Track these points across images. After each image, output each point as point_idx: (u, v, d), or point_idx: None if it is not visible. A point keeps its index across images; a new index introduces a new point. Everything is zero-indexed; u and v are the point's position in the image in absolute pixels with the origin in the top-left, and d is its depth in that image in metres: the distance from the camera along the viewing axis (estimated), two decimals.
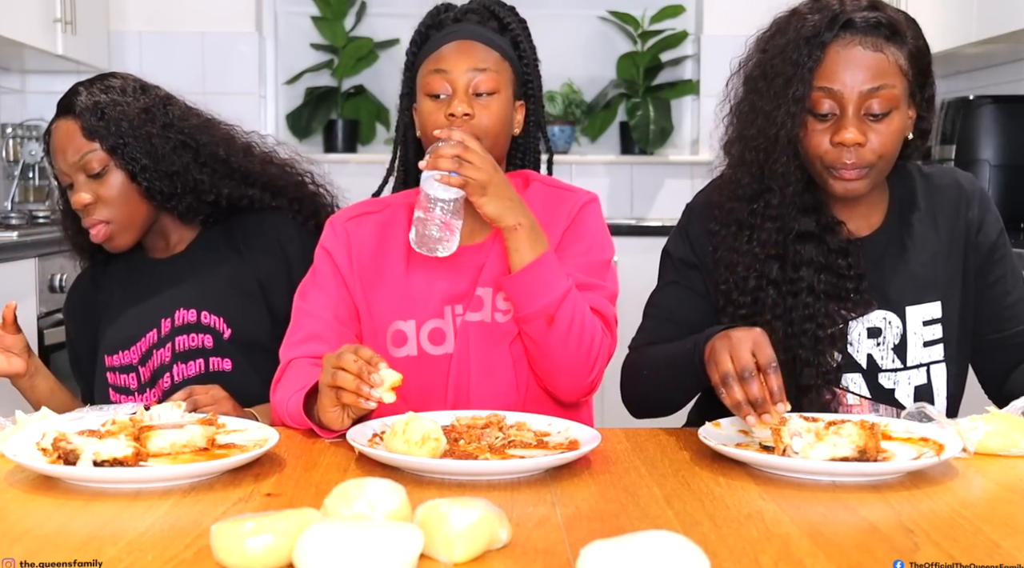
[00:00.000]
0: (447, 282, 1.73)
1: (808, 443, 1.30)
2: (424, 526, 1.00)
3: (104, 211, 1.83)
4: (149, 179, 1.83)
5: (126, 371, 1.86)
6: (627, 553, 0.92)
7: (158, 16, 4.23)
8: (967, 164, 3.37)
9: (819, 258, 1.64)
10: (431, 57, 1.73)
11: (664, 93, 4.51)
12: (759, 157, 1.65)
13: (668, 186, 4.49)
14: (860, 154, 1.58)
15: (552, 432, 1.47)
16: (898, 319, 1.68)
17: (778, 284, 1.64)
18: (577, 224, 1.75)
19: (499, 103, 1.71)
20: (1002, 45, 3.41)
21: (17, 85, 4.26)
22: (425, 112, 1.71)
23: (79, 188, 1.83)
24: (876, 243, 1.70)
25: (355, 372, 1.40)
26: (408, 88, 1.81)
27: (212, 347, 1.83)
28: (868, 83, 1.57)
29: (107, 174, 1.82)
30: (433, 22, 1.78)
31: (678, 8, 4.46)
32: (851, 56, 1.58)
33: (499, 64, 1.73)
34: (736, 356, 1.40)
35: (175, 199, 1.86)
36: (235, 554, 0.97)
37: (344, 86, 4.52)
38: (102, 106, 1.84)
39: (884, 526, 1.13)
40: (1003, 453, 1.40)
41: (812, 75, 1.58)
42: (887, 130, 1.59)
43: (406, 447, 1.30)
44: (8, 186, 4.04)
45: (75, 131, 1.83)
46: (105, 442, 1.27)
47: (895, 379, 1.69)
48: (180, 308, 1.85)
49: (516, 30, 1.80)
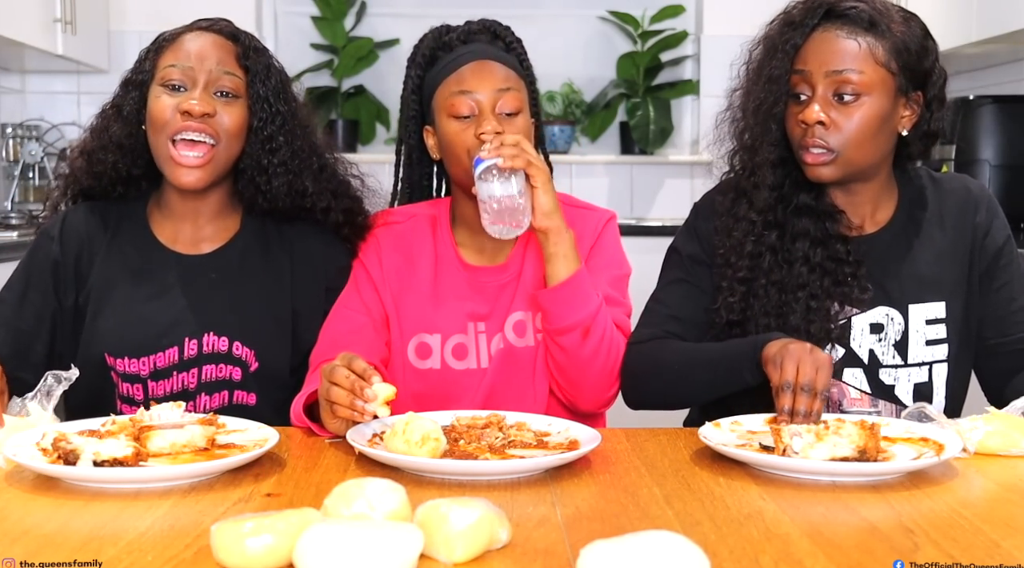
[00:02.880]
0: (471, 300, 1.77)
1: (808, 443, 1.30)
2: (424, 526, 1.00)
3: (217, 130, 1.68)
4: (263, 140, 1.72)
5: (131, 380, 1.72)
6: (627, 553, 0.92)
7: (158, 16, 4.20)
8: (967, 164, 3.38)
9: (816, 233, 1.68)
10: (450, 78, 1.73)
11: (664, 93, 4.51)
12: (753, 138, 1.70)
13: (668, 186, 4.49)
14: (824, 135, 1.62)
15: (552, 432, 1.47)
16: (900, 316, 1.69)
17: (775, 251, 1.69)
18: (601, 242, 1.79)
19: (523, 121, 1.73)
20: (1002, 45, 3.41)
21: (17, 85, 4.26)
22: (452, 133, 1.71)
23: (202, 95, 1.68)
24: (882, 240, 1.72)
25: (348, 387, 1.39)
26: (416, 110, 1.81)
27: (239, 381, 1.73)
28: (834, 66, 1.62)
29: (235, 103, 1.71)
30: (438, 44, 1.78)
31: (678, 8, 4.46)
32: (824, 40, 1.64)
33: (518, 83, 1.75)
34: (803, 370, 1.42)
35: (277, 172, 1.73)
36: (235, 554, 0.97)
37: (344, 86, 4.52)
38: (261, 50, 1.77)
39: (884, 526, 1.13)
40: (1003, 453, 1.40)
41: (790, 59, 1.65)
42: (854, 115, 1.62)
43: (406, 447, 1.31)
44: (8, 186, 4.05)
45: (230, 49, 1.73)
46: (105, 442, 1.27)
47: (895, 375, 1.70)
48: (210, 332, 1.71)
49: (519, 49, 1.81)
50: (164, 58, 1.72)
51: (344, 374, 1.40)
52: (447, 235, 1.81)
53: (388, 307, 1.76)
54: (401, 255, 1.79)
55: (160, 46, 1.74)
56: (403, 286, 1.78)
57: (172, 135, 1.67)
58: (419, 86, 1.79)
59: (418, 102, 1.80)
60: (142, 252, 1.77)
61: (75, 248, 1.77)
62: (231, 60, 1.72)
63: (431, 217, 1.82)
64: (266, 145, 1.72)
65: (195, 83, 1.68)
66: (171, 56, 1.71)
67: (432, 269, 1.78)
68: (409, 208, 1.86)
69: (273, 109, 1.73)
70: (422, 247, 1.80)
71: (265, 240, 1.81)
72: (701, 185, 1.84)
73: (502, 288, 1.78)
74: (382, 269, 1.77)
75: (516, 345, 1.76)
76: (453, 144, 1.71)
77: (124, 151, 1.75)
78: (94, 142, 1.77)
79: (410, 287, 1.78)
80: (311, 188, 1.76)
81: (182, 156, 1.67)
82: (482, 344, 1.77)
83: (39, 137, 4.09)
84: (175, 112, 1.67)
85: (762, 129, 1.68)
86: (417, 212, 1.83)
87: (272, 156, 1.72)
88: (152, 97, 1.70)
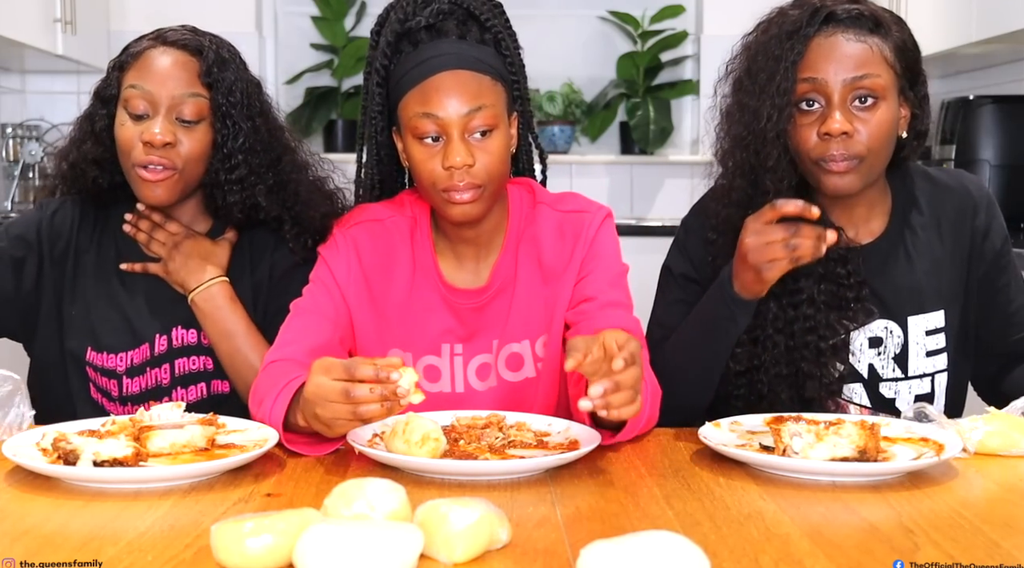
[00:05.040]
0: (447, 319, 1.66)
1: (808, 443, 1.30)
2: (424, 526, 1.00)
3: (177, 159, 1.68)
4: (223, 157, 1.72)
5: (107, 375, 1.75)
6: (627, 553, 0.92)
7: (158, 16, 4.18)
8: (967, 164, 3.37)
9: (818, 268, 1.61)
10: (415, 92, 1.55)
11: (664, 93, 4.51)
12: (750, 157, 1.62)
13: (668, 186, 4.49)
14: (848, 145, 1.56)
15: (552, 432, 1.47)
16: (899, 328, 1.67)
17: (778, 296, 1.62)
18: (596, 247, 1.67)
19: (498, 140, 1.57)
20: (1002, 45, 3.41)
21: (17, 85, 4.26)
22: (418, 159, 1.56)
23: (163, 123, 1.67)
24: (878, 251, 1.68)
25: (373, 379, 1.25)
26: (381, 106, 1.63)
27: (213, 370, 1.75)
28: (852, 71, 1.56)
29: (196, 128, 1.70)
30: (403, 30, 1.59)
31: (678, 8, 4.46)
32: (834, 45, 1.57)
33: (492, 92, 1.57)
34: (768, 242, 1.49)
35: (232, 189, 1.73)
36: (235, 554, 0.97)
37: (344, 86, 4.52)
38: (227, 63, 1.73)
39: (884, 526, 1.13)
40: (1003, 453, 1.40)
41: (795, 68, 1.57)
42: (875, 120, 1.56)
43: (406, 447, 1.30)
44: (8, 186, 4.04)
45: (192, 68, 1.70)
46: (105, 442, 1.27)
47: (895, 389, 1.68)
48: (178, 326, 1.75)
49: (496, 26, 1.61)
50: (128, 76, 1.72)
51: (368, 369, 1.25)
52: (426, 242, 1.68)
53: (355, 316, 1.63)
54: (377, 259, 1.66)
55: (125, 61, 1.74)
56: (374, 295, 1.65)
57: (136, 163, 1.69)
58: (385, 78, 1.61)
59: (384, 97, 1.63)
60: (121, 251, 1.80)
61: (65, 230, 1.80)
62: (193, 79, 1.71)
63: (411, 219, 1.68)
64: (225, 162, 1.73)
65: (156, 109, 1.69)
66: (134, 75, 1.71)
67: (408, 280, 1.66)
68: (389, 205, 1.71)
69: (236, 126, 1.72)
70: (399, 254, 1.67)
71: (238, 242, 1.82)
72: (701, 185, 1.81)
73: (481, 309, 1.66)
74: (350, 276, 1.64)
75: (512, 380, 1.66)
76: (419, 171, 1.57)
77: (101, 167, 1.78)
78: (74, 153, 1.80)
79: (382, 296, 1.65)
80: (263, 202, 1.76)
81: (146, 173, 1.69)
82: (458, 367, 1.66)
83: (39, 137, 4.09)
84: (138, 141, 1.69)
85: (767, 148, 1.59)
86: (397, 211, 1.69)
87: (230, 173, 1.74)
88: (118, 122, 1.72)
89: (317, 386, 1.29)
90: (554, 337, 1.66)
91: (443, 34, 1.58)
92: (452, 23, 1.59)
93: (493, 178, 1.57)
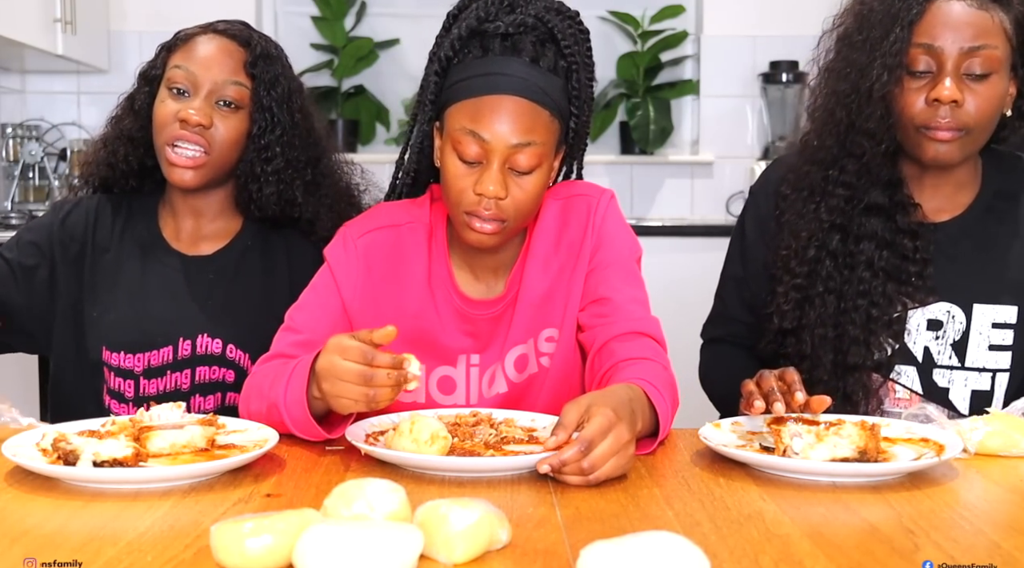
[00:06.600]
0: (463, 331, 1.62)
1: (808, 444, 1.30)
2: (424, 527, 1.00)
3: (210, 142, 1.69)
4: (260, 148, 1.73)
5: (123, 375, 1.73)
6: (627, 553, 0.92)
7: (158, 16, 4.23)
8: None
9: (884, 234, 1.58)
10: (468, 104, 1.48)
11: (664, 93, 4.50)
12: (848, 115, 1.58)
13: (668, 186, 4.49)
14: (956, 114, 1.52)
15: (538, 427, 1.48)
16: (963, 314, 1.60)
17: (836, 256, 1.59)
18: (604, 235, 1.62)
19: (538, 179, 1.51)
20: None
21: (17, 85, 4.25)
22: (451, 173, 1.50)
23: (201, 104, 1.69)
24: (954, 229, 1.62)
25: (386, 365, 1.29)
26: (435, 96, 1.55)
27: (232, 383, 1.74)
28: (969, 41, 1.51)
29: (235, 115, 1.72)
30: (479, 28, 1.50)
31: (678, 8, 4.45)
32: (953, 12, 1.52)
33: (547, 130, 1.50)
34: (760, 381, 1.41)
35: (269, 180, 1.74)
36: (235, 554, 0.97)
37: (344, 86, 4.52)
38: (273, 59, 1.75)
39: (884, 527, 1.13)
40: (1003, 454, 1.40)
41: (911, 30, 1.52)
42: (986, 93, 1.52)
43: (415, 446, 1.31)
44: (8, 186, 4.04)
45: (239, 57, 1.73)
46: (105, 442, 1.27)
47: (950, 378, 1.61)
48: (204, 334, 1.73)
49: (575, 54, 1.54)
50: (174, 57, 1.75)
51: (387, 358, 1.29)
52: (442, 252, 1.63)
53: (357, 327, 1.57)
54: (390, 268, 1.61)
55: (174, 44, 1.77)
56: (384, 306, 1.60)
57: (168, 140, 1.70)
58: (445, 70, 1.53)
59: (439, 89, 1.55)
60: (146, 248, 1.79)
61: (80, 232, 1.80)
62: (238, 68, 1.73)
63: (428, 226, 1.63)
64: (262, 153, 1.74)
65: (197, 90, 1.71)
66: (180, 57, 1.73)
67: (423, 291, 1.61)
68: (409, 207, 1.65)
69: (275, 118, 1.74)
70: (413, 264, 1.62)
71: (265, 244, 1.82)
72: (701, 185, 1.82)
73: (497, 319, 1.62)
74: (356, 288, 1.60)
75: (518, 381, 1.63)
76: (449, 185, 1.51)
77: (135, 144, 1.79)
78: (111, 132, 1.82)
79: (394, 307, 1.60)
80: (300, 199, 1.77)
81: (175, 156, 1.70)
82: (473, 379, 1.63)
83: (39, 137, 4.09)
84: (174, 118, 1.70)
85: (871, 107, 1.55)
86: (415, 216, 1.64)
87: (266, 165, 1.74)
88: (158, 99, 1.74)
89: (332, 364, 1.31)
90: (566, 332, 1.62)
91: (516, 51, 1.49)
92: (529, 41, 1.50)
93: (521, 215, 1.53)
